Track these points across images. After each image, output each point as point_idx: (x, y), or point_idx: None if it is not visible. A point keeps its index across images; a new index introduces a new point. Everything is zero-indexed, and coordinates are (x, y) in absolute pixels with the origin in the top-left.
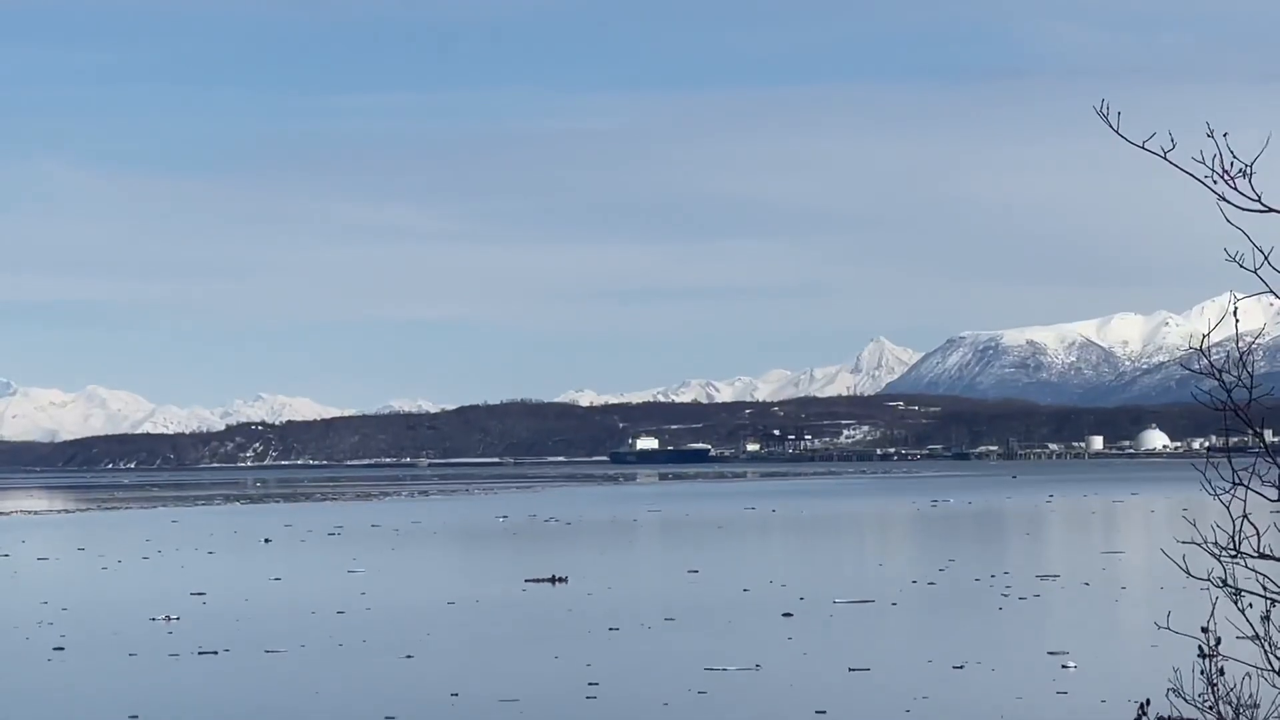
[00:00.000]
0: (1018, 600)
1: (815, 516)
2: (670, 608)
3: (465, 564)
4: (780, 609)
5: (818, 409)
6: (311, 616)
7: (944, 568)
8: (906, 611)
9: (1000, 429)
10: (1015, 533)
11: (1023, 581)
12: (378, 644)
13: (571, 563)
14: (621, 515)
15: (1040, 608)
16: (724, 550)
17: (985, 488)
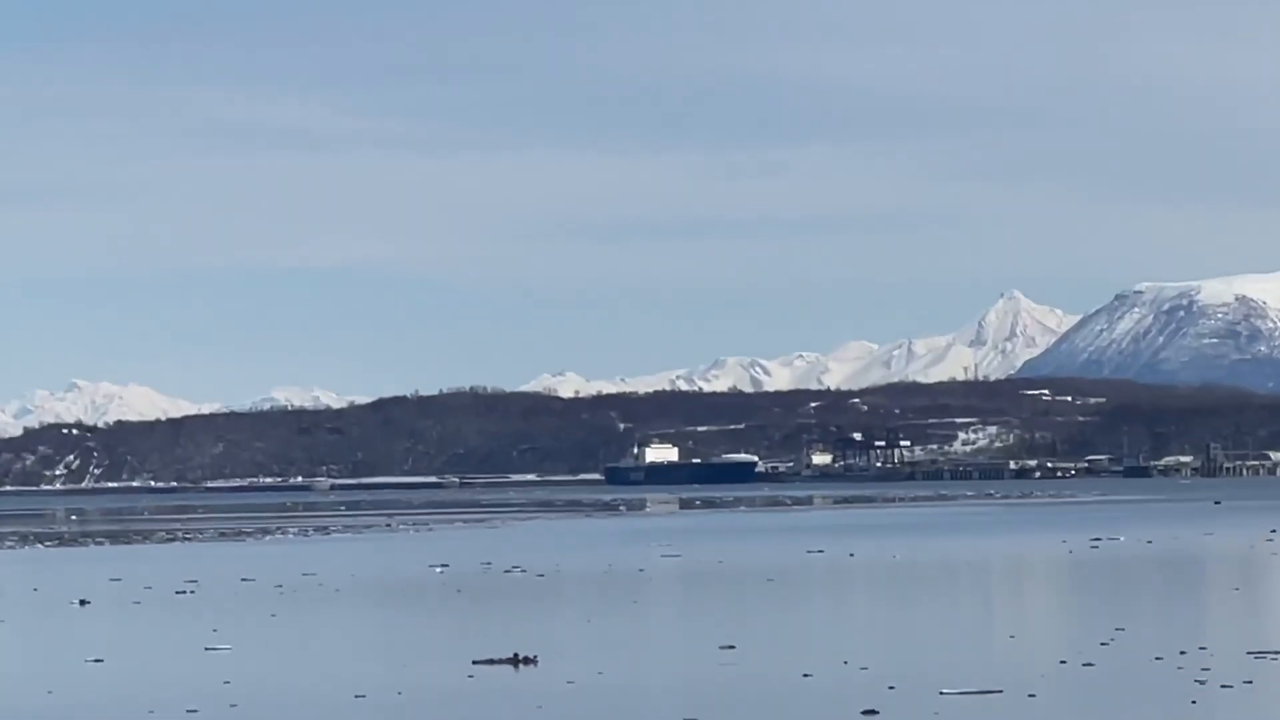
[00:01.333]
0: (1219, 690)
1: (914, 564)
2: (693, 703)
3: (383, 637)
4: (860, 704)
5: (920, 401)
6: (150, 718)
7: (1109, 641)
8: (1051, 708)
9: (1197, 430)
10: (1218, 587)
11: (1228, 661)
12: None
13: (544, 636)
14: (622, 563)
15: (1255, 700)
16: (775, 616)
17: (1173, 518)
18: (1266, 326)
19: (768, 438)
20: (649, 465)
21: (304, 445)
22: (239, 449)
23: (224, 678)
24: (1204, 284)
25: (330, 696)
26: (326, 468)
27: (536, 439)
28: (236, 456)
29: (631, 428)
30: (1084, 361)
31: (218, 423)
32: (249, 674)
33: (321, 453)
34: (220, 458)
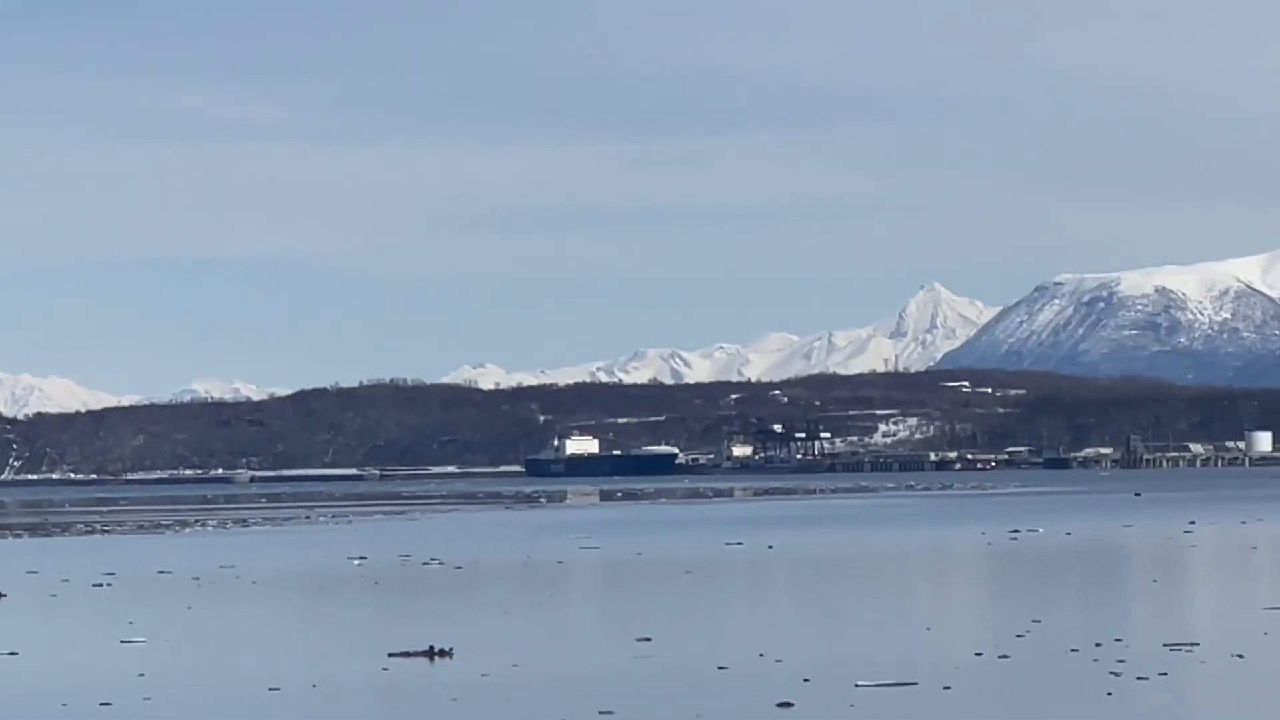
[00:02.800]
0: (1135, 682)
1: (832, 556)
2: (609, 696)
3: (299, 630)
4: (775, 696)
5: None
6: (63, 711)
7: (1025, 633)
8: (966, 700)
9: (1117, 421)
10: (1135, 579)
11: (1144, 653)
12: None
13: (460, 628)
14: (540, 554)
15: (1170, 693)
16: (692, 608)
17: (1092, 510)
18: (1186, 318)
19: (688, 429)
20: (569, 457)
21: (224, 437)
22: (159, 441)
23: (139, 670)
24: (1124, 276)
25: (245, 689)
26: (247, 460)
27: (457, 431)
28: (157, 449)
29: (552, 420)
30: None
31: (138, 415)
32: (164, 667)
33: (242, 445)
34: (140, 450)
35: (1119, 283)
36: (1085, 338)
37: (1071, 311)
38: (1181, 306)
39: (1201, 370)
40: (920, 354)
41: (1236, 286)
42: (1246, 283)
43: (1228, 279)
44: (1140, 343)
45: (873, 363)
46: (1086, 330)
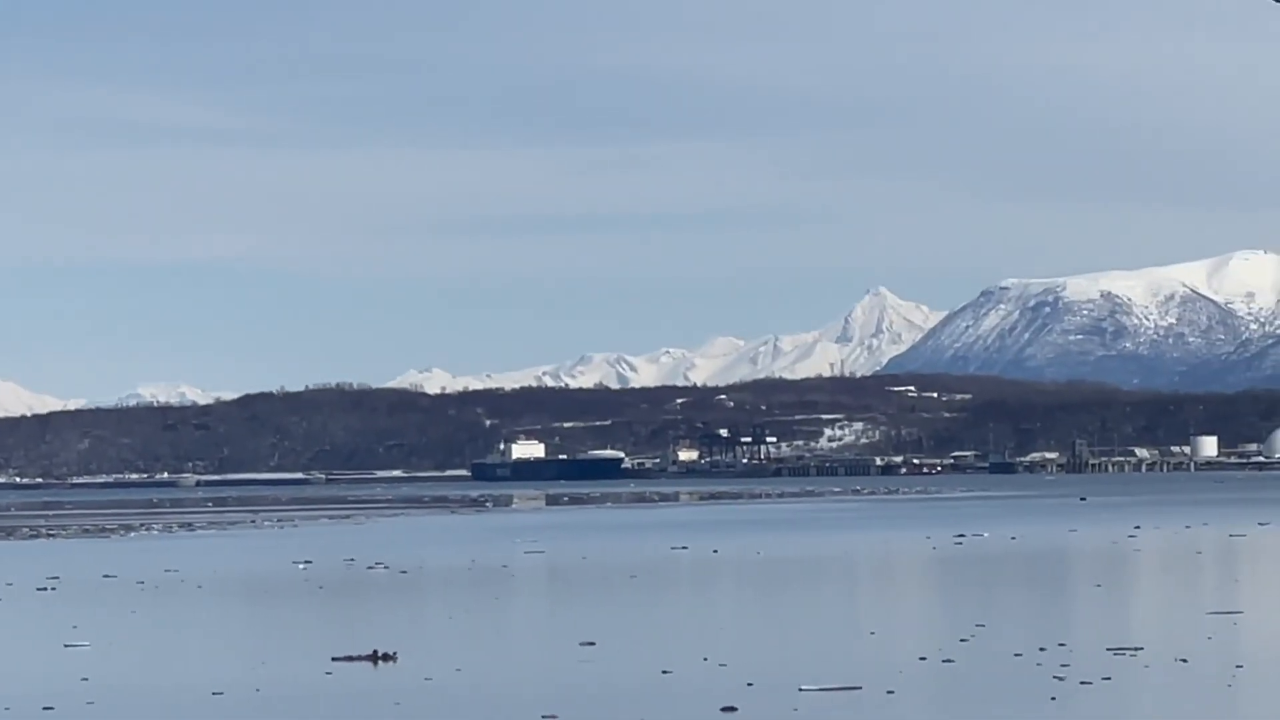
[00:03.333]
0: (1079, 686)
1: (777, 560)
2: (551, 700)
3: (243, 634)
4: (719, 701)
5: (786, 398)
6: (6, 715)
7: (969, 637)
8: (909, 704)
9: (1063, 426)
10: (1080, 584)
11: (1087, 658)
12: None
13: (405, 632)
14: (485, 559)
15: (1112, 698)
16: (636, 612)
17: (1038, 515)
18: (1131, 323)
19: (634, 434)
20: (515, 461)
21: (170, 441)
22: (105, 445)
23: (82, 674)
24: (1069, 281)
25: (188, 694)
26: (193, 464)
27: (403, 435)
28: (103, 453)
29: (498, 424)
30: (950, 358)
31: (84, 419)
32: (107, 671)
33: (188, 449)
34: (86, 454)
35: (1064, 288)
36: (1031, 342)
37: (1017, 316)
38: (1127, 311)
39: (1147, 375)
40: (866, 359)
41: (1182, 292)
42: (1192, 288)
43: (1173, 284)
44: (1086, 347)
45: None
46: (1032, 335)
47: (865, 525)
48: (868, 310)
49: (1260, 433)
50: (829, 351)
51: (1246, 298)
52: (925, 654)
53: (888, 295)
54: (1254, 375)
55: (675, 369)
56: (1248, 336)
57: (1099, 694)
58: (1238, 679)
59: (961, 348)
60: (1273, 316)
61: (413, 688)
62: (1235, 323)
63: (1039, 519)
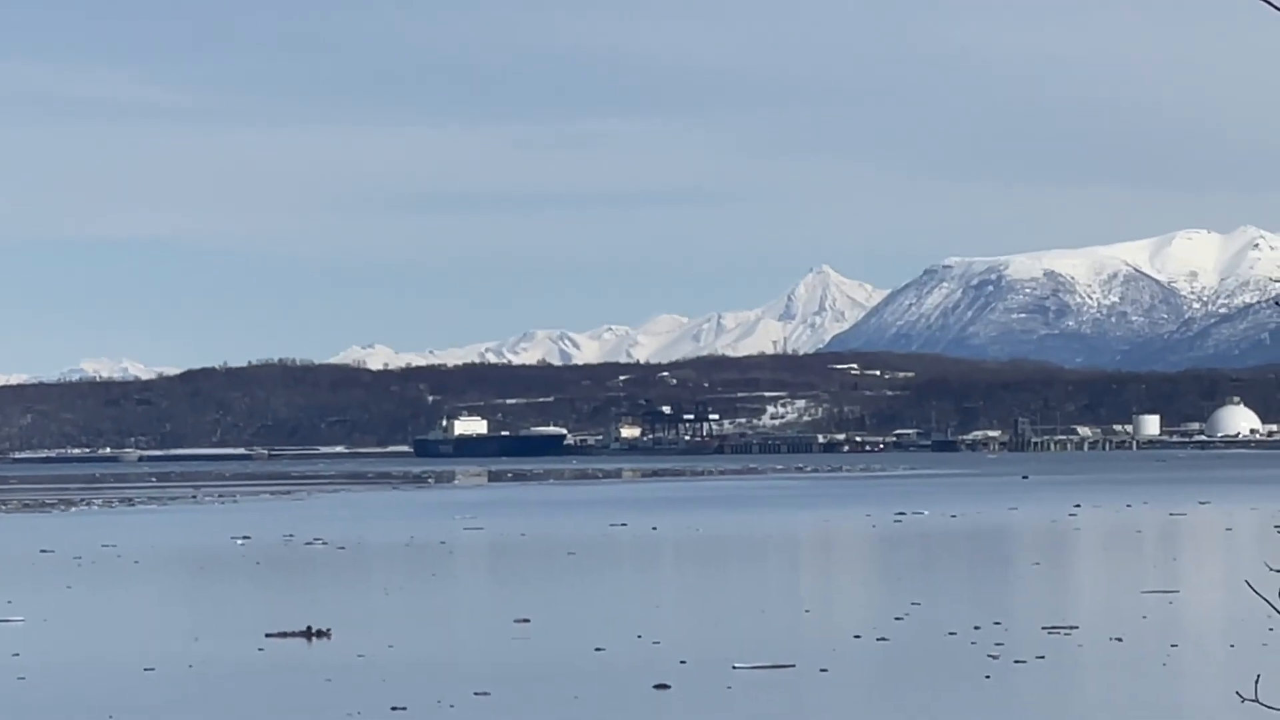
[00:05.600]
0: (1013, 665)
1: (716, 537)
2: (485, 677)
3: (180, 609)
4: (651, 678)
5: (728, 375)
6: None
7: (904, 615)
8: (843, 682)
9: (1005, 404)
10: (1018, 562)
11: (1023, 637)
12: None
13: (340, 609)
14: (424, 535)
15: (1046, 677)
16: (573, 589)
17: (979, 493)
18: (1074, 302)
19: (576, 411)
20: (458, 438)
21: (112, 416)
22: (47, 420)
23: (13, 650)
24: (1012, 259)
25: (121, 669)
26: (135, 439)
27: (345, 411)
28: (44, 427)
29: (440, 400)
30: (893, 336)
31: (26, 394)
32: (40, 646)
33: (130, 424)
34: (28, 429)
35: (1007, 266)
36: (974, 321)
37: (960, 295)
38: (1070, 290)
39: (1089, 354)
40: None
41: (1125, 270)
42: (1135, 266)
43: (1116, 263)
44: (1029, 326)
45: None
46: (975, 313)
47: (806, 503)
48: (811, 288)
49: (1203, 412)
50: (772, 329)
51: (1189, 277)
52: (860, 632)
53: (831, 273)
54: (1197, 354)
55: (618, 346)
56: (1190, 316)
57: (1033, 673)
58: (1172, 658)
59: (904, 326)
60: (1215, 296)
61: (345, 664)
62: (1178, 302)
63: (980, 497)
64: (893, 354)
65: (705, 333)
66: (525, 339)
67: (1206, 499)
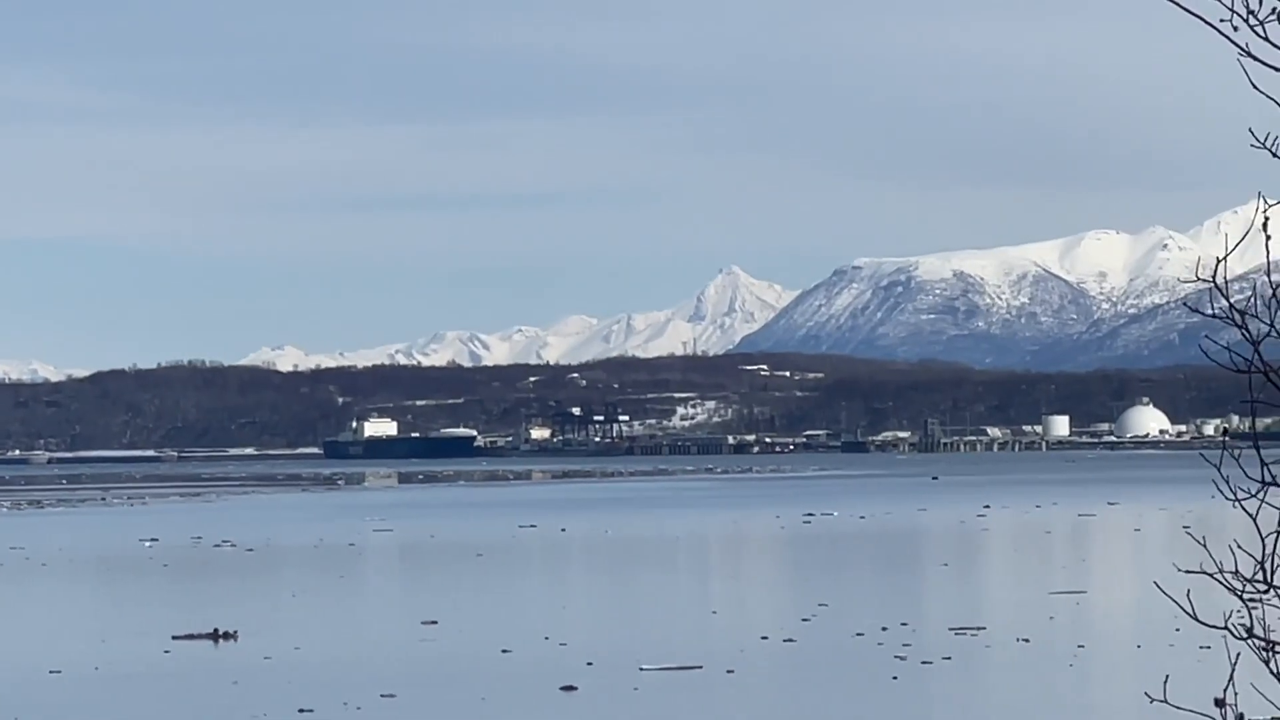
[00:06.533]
0: (919, 666)
1: (625, 539)
2: (391, 678)
3: (87, 611)
4: (558, 679)
5: (638, 376)
6: None
7: (812, 617)
8: (748, 684)
9: (915, 405)
10: (927, 563)
11: (930, 638)
12: None
13: (247, 611)
14: (333, 537)
15: (953, 678)
16: (481, 591)
17: (888, 494)
18: (984, 302)
19: (486, 412)
20: (368, 439)
21: (21, 418)
22: None
23: None
24: (922, 260)
25: (25, 672)
26: (44, 441)
27: (255, 413)
28: None
29: (350, 402)
30: (802, 337)
31: None
32: None
33: (39, 426)
34: None
35: (917, 267)
36: (883, 321)
37: (870, 295)
38: (979, 291)
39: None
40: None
41: (1034, 271)
42: (1044, 267)
43: (1025, 264)
44: (938, 327)
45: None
46: (885, 314)
47: (716, 504)
48: (720, 289)
49: (1112, 412)
50: (681, 330)
51: (1099, 277)
52: (767, 634)
53: (740, 274)
54: (1106, 355)
55: (528, 347)
56: (1100, 316)
57: (939, 673)
58: (1079, 659)
59: (814, 327)
60: (1125, 296)
61: (251, 666)
62: (1087, 302)
63: (889, 498)
64: (802, 355)
65: (615, 334)
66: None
67: (1115, 500)
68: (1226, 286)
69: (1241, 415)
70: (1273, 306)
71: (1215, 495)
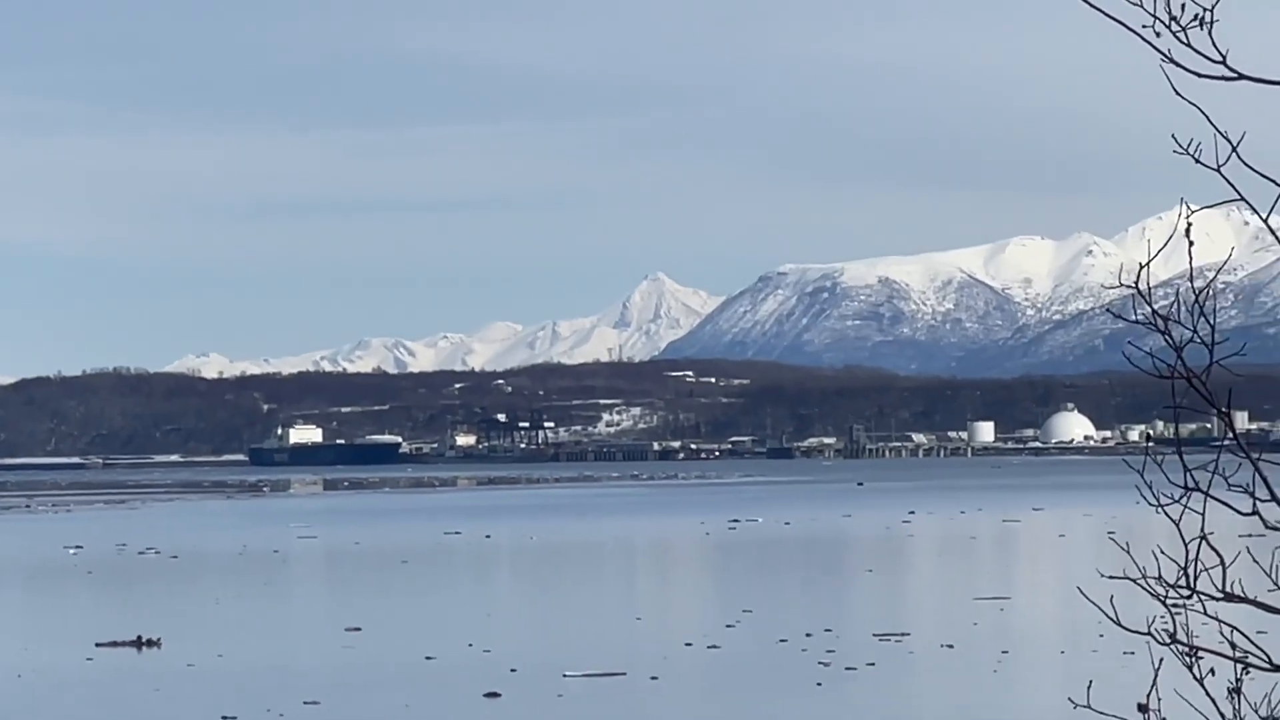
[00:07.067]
0: (843, 672)
1: (550, 545)
2: (315, 685)
3: (10, 619)
4: (482, 686)
5: (563, 383)
6: None
7: (736, 623)
8: (672, 690)
9: (840, 411)
10: (851, 569)
11: (854, 643)
12: None
13: (172, 618)
14: (258, 544)
15: (877, 684)
16: (405, 597)
17: (813, 500)
18: (909, 308)
19: (412, 419)
20: (293, 446)
21: None
22: None
23: None
24: (847, 266)
25: None
26: None
27: (180, 420)
28: None
29: (276, 408)
30: (728, 343)
31: None
32: None
33: None
34: None
35: (842, 273)
36: (809, 328)
37: (795, 301)
38: (904, 297)
39: (924, 361)
40: (644, 344)
41: (959, 277)
42: (969, 273)
43: (950, 270)
44: (864, 333)
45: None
46: (810, 320)
47: (641, 511)
48: (646, 295)
49: (1037, 418)
50: (607, 337)
51: (1023, 284)
52: (692, 640)
53: (666, 280)
54: (1031, 361)
55: (453, 354)
56: (1025, 322)
57: (863, 680)
58: (1003, 664)
59: (739, 333)
60: (1049, 303)
61: (175, 673)
62: (1012, 309)
63: (814, 504)
64: (728, 361)
65: (540, 340)
66: (360, 347)
67: (1040, 505)
68: (1150, 292)
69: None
70: (1196, 312)
71: (1139, 501)
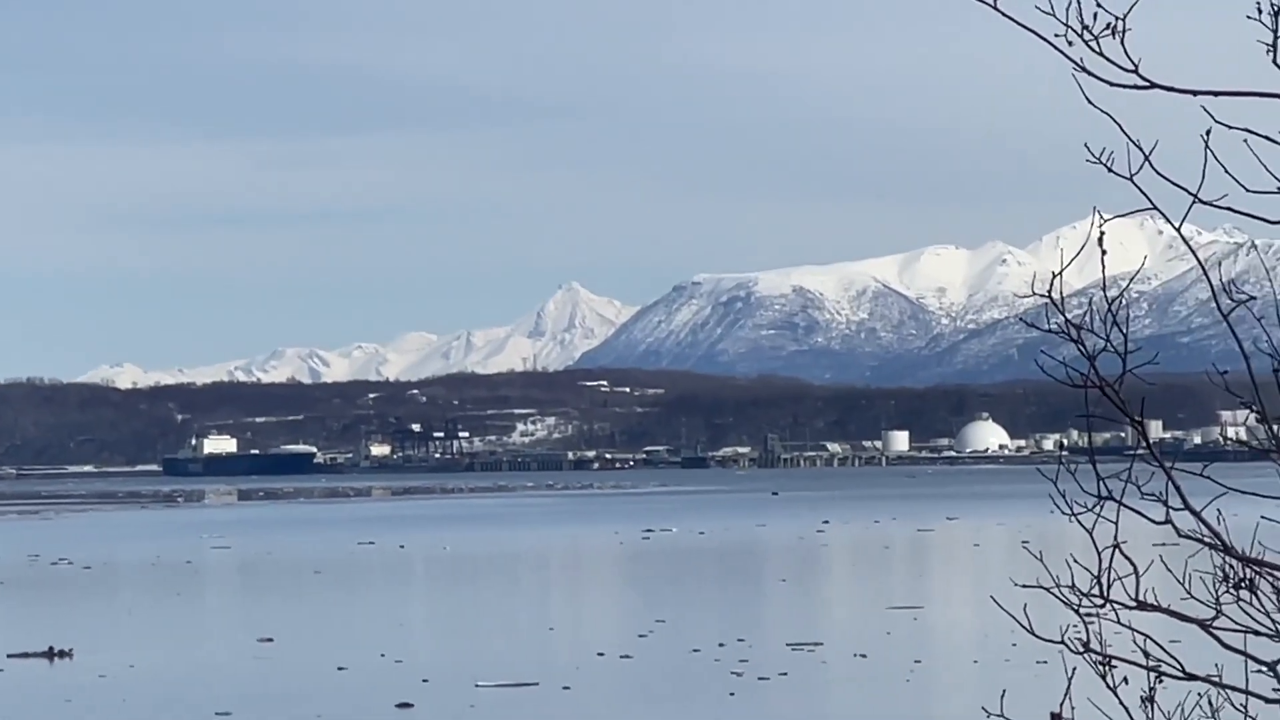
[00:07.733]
0: (756, 682)
1: (463, 556)
2: (226, 696)
3: None
4: (395, 697)
5: (478, 392)
6: None
7: (649, 633)
8: (585, 700)
9: (755, 421)
10: (765, 578)
11: (767, 653)
12: None
13: (83, 629)
14: (171, 554)
15: (790, 694)
16: (318, 608)
17: (727, 509)
18: (823, 318)
19: (326, 429)
20: (207, 456)
21: None
22: None
23: None
24: (761, 276)
25: None
26: None
27: (94, 430)
28: None
29: (190, 419)
30: (642, 353)
31: None
32: None
33: None
34: None
35: (756, 283)
36: (723, 337)
37: (709, 311)
38: (819, 306)
39: (839, 370)
40: (559, 353)
41: (874, 287)
42: (883, 283)
43: (865, 279)
44: (778, 342)
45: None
46: (724, 330)
47: (555, 520)
48: (560, 305)
49: (951, 427)
50: (521, 346)
51: (938, 293)
52: (604, 650)
53: (580, 290)
54: (945, 370)
55: (368, 364)
56: (939, 332)
57: (776, 689)
58: (916, 674)
59: (654, 343)
60: (964, 312)
61: (86, 684)
62: (927, 318)
63: (729, 514)
64: (642, 371)
65: (455, 350)
66: (274, 357)
67: (955, 515)
68: (1063, 302)
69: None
70: (1109, 321)
71: (1053, 510)
